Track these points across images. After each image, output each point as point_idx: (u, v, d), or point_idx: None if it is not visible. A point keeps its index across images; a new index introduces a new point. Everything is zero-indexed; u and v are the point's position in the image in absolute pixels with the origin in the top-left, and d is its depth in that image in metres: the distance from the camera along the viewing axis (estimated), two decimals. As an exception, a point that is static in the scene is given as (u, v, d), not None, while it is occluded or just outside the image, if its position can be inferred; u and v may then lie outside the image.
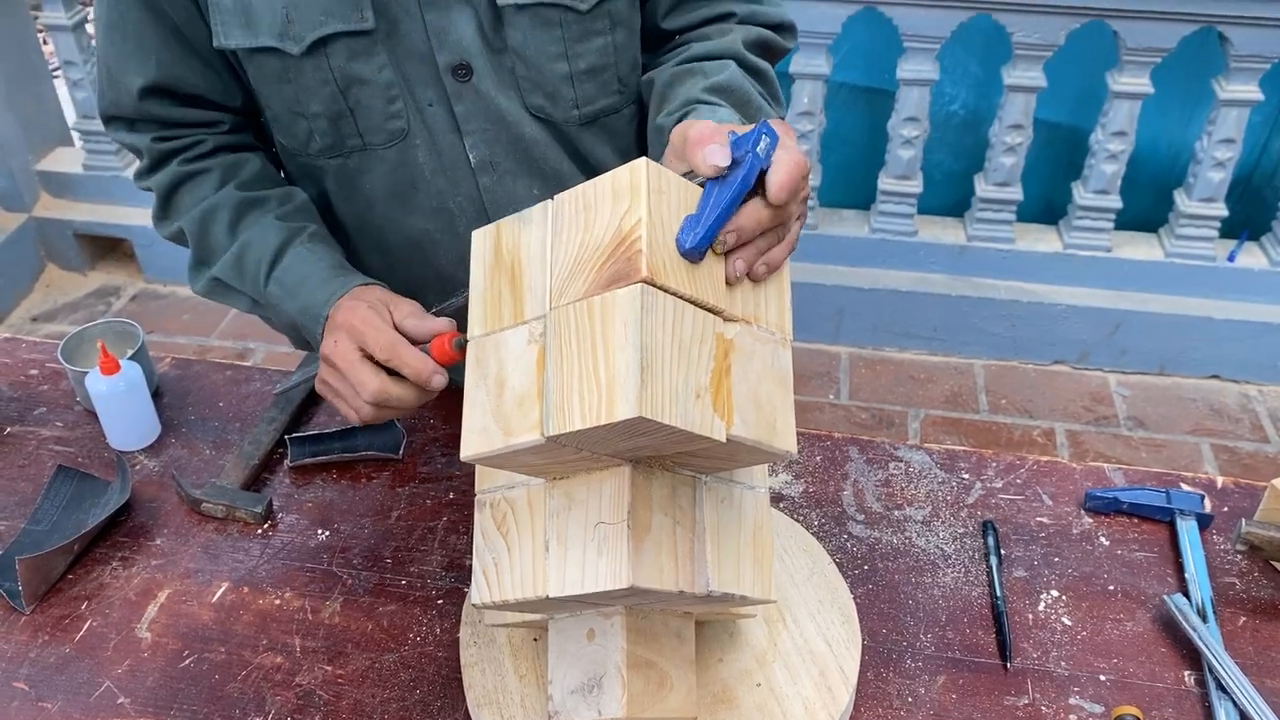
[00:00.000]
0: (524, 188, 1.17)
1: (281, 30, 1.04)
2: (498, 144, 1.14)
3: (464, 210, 1.17)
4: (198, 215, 1.16)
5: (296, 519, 1.23)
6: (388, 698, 1.03)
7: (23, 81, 3.28)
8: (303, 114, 1.10)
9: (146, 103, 1.14)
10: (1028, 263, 3.04)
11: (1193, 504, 1.20)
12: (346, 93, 1.08)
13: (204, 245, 1.17)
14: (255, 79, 1.11)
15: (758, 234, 0.79)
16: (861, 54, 2.99)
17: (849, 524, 1.22)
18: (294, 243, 1.12)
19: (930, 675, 1.05)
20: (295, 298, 1.10)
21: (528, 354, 0.78)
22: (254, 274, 1.13)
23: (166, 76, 1.12)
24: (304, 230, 1.14)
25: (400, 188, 1.16)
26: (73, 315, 3.32)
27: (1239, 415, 2.96)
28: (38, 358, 1.47)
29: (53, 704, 1.03)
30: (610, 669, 0.85)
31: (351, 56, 1.06)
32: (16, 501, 1.25)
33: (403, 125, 1.11)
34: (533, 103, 1.12)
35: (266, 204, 1.17)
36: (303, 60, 1.06)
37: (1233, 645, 1.07)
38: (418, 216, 1.18)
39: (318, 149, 1.14)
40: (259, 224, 1.14)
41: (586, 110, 1.15)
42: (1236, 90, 2.70)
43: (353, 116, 1.10)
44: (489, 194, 1.16)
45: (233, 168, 1.19)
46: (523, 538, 0.86)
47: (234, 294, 1.18)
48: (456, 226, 1.18)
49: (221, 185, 1.17)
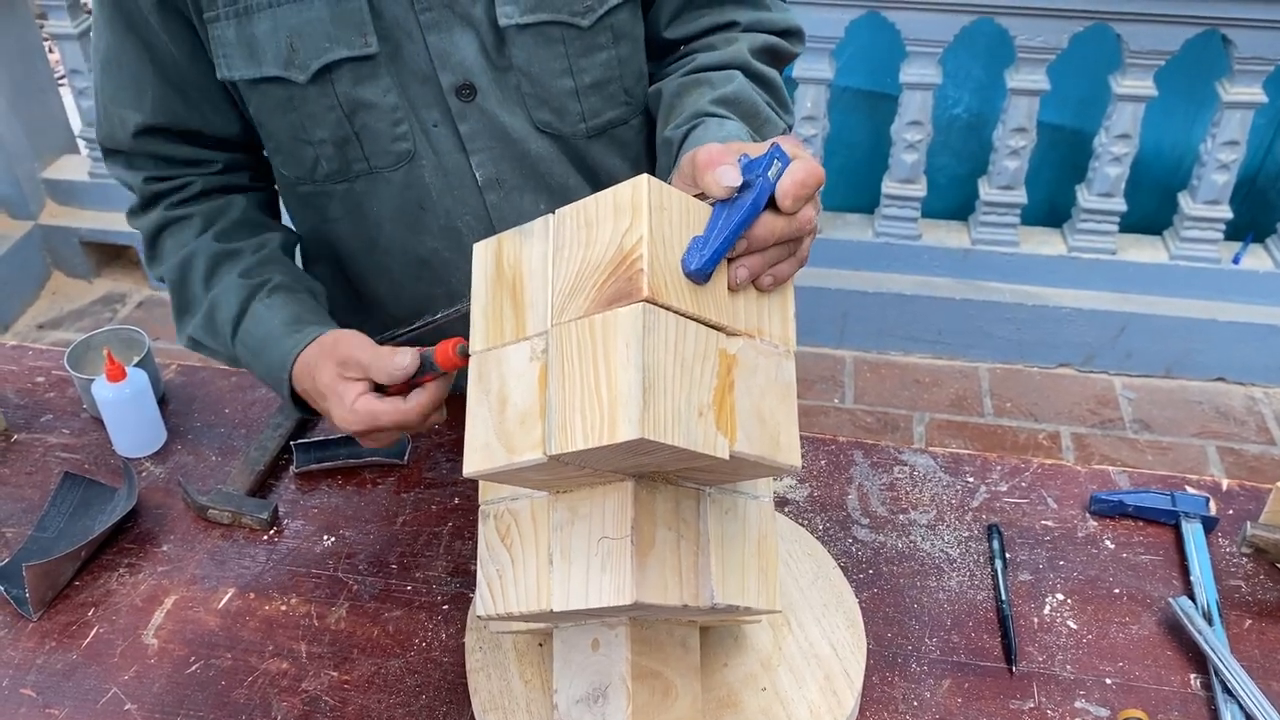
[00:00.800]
0: (531, 203, 1.17)
1: (286, 59, 1.04)
2: (504, 161, 1.14)
3: (472, 229, 1.17)
4: (177, 264, 1.15)
5: (302, 525, 1.23)
6: (394, 703, 1.03)
7: (28, 89, 3.29)
8: (308, 141, 1.10)
9: (142, 140, 1.14)
10: (1032, 266, 3.04)
11: (1198, 507, 1.20)
12: (352, 117, 1.08)
13: (183, 296, 1.16)
14: (258, 110, 1.10)
15: (769, 244, 0.78)
16: (865, 58, 2.99)
17: (854, 528, 1.22)
18: (255, 299, 1.10)
19: (935, 679, 1.05)
20: (259, 359, 1.09)
21: (530, 371, 0.78)
22: (223, 333, 1.12)
23: (163, 114, 1.12)
24: (265, 285, 1.12)
25: (408, 209, 1.16)
26: (79, 322, 3.33)
27: (1244, 418, 2.96)
28: (44, 365, 1.47)
29: (60, 710, 1.03)
30: (615, 679, 0.85)
31: (357, 81, 1.06)
32: (23, 508, 1.25)
33: (409, 147, 1.11)
34: (540, 118, 1.13)
35: (239, 256, 1.15)
36: (308, 88, 1.06)
37: (1238, 648, 1.07)
38: (426, 236, 1.18)
39: (324, 175, 1.14)
40: (225, 280, 1.12)
41: (594, 123, 1.15)
42: (1240, 93, 2.69)
43: (359, 141, 1.10)
44: (496, 211, 1.16)
45: (214, 214, 1.18)
46: (526, 550, 0.85)
47: (212, 352, 1.17)
48: (465, 244, 1.18)
49: (201, 232, 1.16)
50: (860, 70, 3.03)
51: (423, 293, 1.23)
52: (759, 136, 1.06)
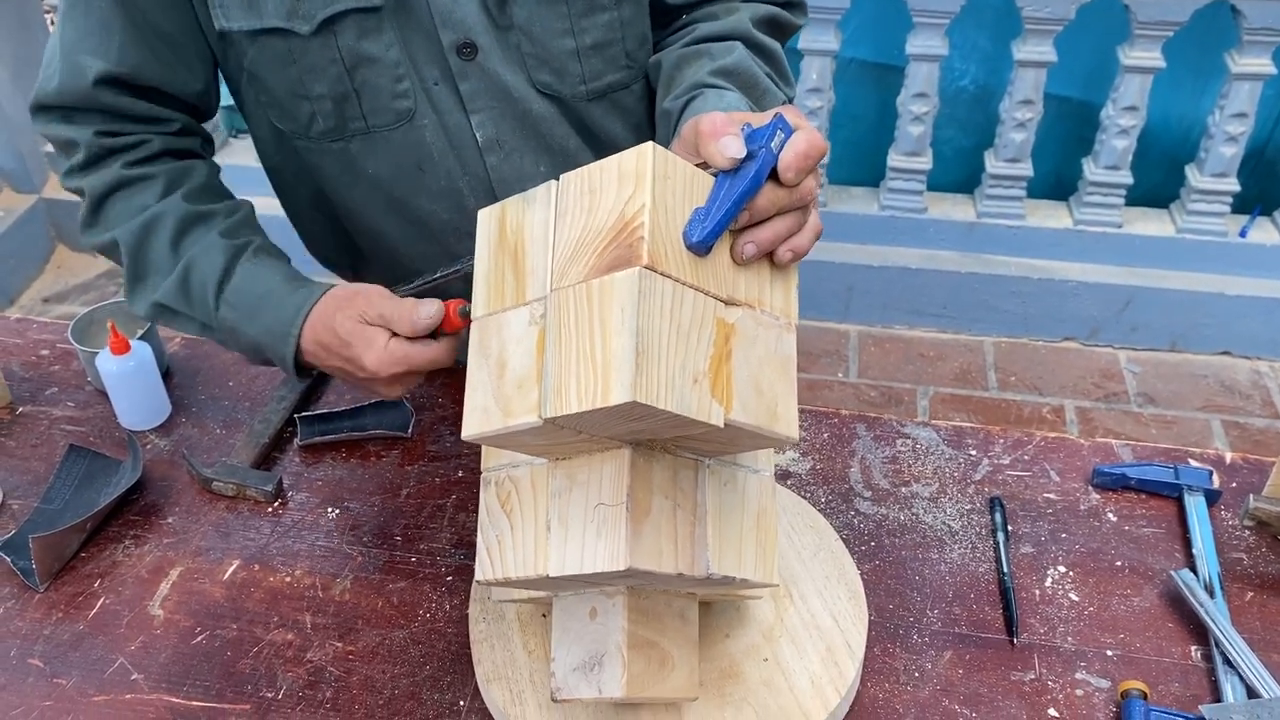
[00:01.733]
0: (531, 165, 1.16)
1: (289, 9, 1.03)
2: (504, 122, 1.13)
3: (472, 189, 1.17)
4: (136, 227, 1.09)
5: (307, 497, 1.23)
6: (398, 673, 1.04)
7: (29, 62, 3.28)
8: (306, 96, 1.09)
9: (100, 90, 1.07)
10: (1038, 239, 3.03)
11: (1201, 480, 1.20)
12: (353, 72, 1.07)
13: (141, 261, 1.10)
14: (254, 63, 1.08)
15: (770, 214, 0.78)
16: (870, 29, 2.97)
17: (856, 501, 1.22)
18: (240, 260, 1.07)
19: (937, 650, 1.05)
20: (254, 318, 1.05)
21: (528, 335, 0.78)
22: (201, 296, 1.07)
23: (128, 63, 1.06)
24: (249, 246, 1.09)
25: (406, 170, 1.15)
26: (84, 296, 3.34)
27: (1250, 391, 2.95)
28: (48, 338, 1.48)
29: (67, 680, 1.04)
30: (611, 648, 0.86)
31: (361, 35, 1.05)
32: (29, 481, 1.26)
33: (410, 105, 1.10)
34: (539, 79, 1.12)
35: (213, 218, 1.11)
36: (310, 40, 1.05)
37: (1240, 620, 1.07)
38: (424, 198, 1.18)
39: (319, 132, 1.12)
40: (203, 241, 1.08)
41: (594, 85, 1.14)
42: (1249, 64, 2.67)
43: (358, 98, 1.09)
44: (496, 172, 1.16)
45: (180, 175, 1.13)
46: (525, 516, 0.86)
47: (180, 318, 1.10)
48: (464, 206, 1.18)
49: (166, 194, 1.10)
50: (866, 42, 3.01)
51: (418, 253, 1.23)
52: (758, 108, 1.05)
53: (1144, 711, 0.96)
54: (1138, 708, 0.97)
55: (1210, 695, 1.01)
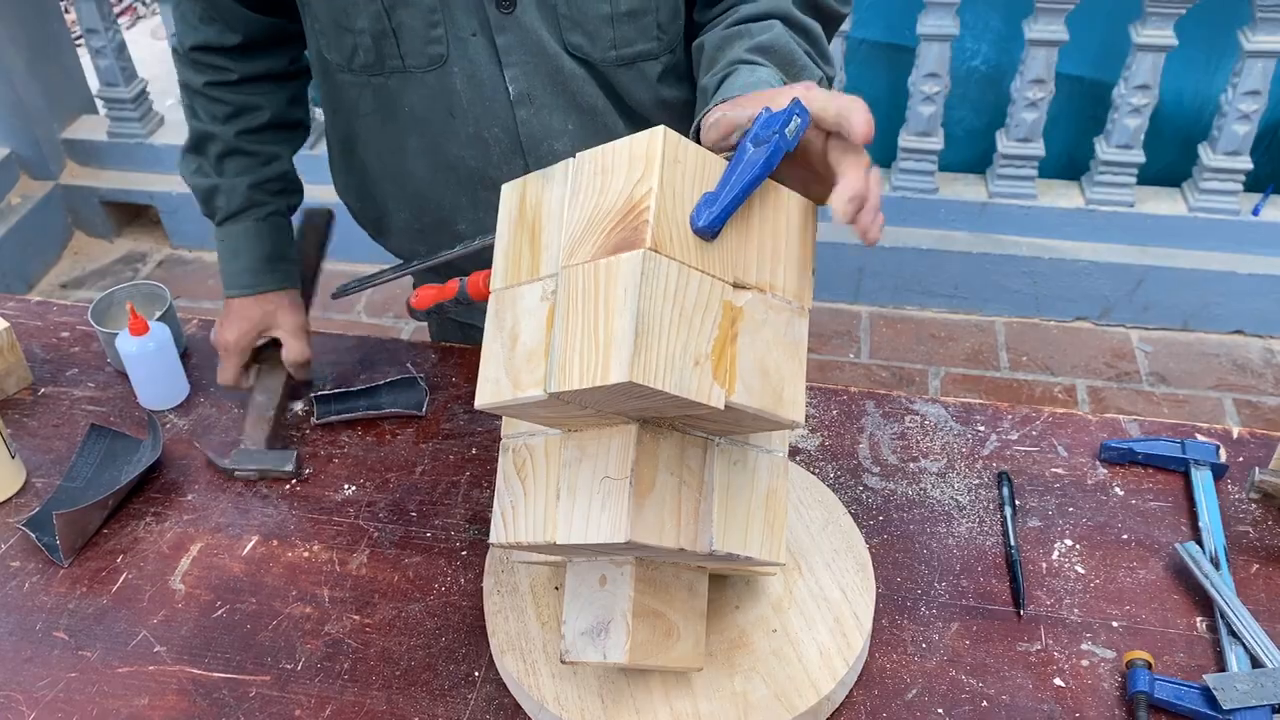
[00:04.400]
0: (560, 121, 1.18)
1: None
2: (537, 77, 1.15)
3: (499, 140, 1.19)
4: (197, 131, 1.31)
5: (323, 475, 1.25)
6: (414, 645, 1.06)
7: (46, 50, 3.30)
8: (349, 29, 1.13)
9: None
10: (1050, 219, 3.02)
11: (1207, 454, 1.21)
12: (391, 12, 1.10)
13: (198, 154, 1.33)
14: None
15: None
16: (881, 10, 2.96)
17: (865, 476, 1.23)
18: (247, 214, 1.31)
19: (944, 622, 1.07)
20: (226, 260, 1.33)
21: (540, 310, 0.80)
22: (209, 212, 1.33)
23: None
24: (264, 207, 1.32)
25: (437, 113, 1.18)
26: (101, 281, 3.37)
27: (1262, 370, 2.95)
28: (68, 320, 1.50)
29: (92, 652, 1.06)
30: (617, 615, 0.87)
31: None
32: (52, 459, 1.28)
33: (441, 51, 1.13)
34: (571, 40, 1.14)
35: (253, 163, 1.32)
36: None
37: (1245, 592, 1.08)
38: (453, 144, 1.21)
39: (360, 65, 1.17)
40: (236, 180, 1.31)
41: (624, 52, 1.16)
42: (1262, 41, 2.66)
43: (395, 37, 1.12)
44: (525, 126, 1.18)
45: (239, 113, 1.30)
46: (538, 484, 0.88)
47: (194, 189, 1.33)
48: (491, 155, 1.21)
49: (228, 120, 1.30)
50: (877, 22, 3.00)
51: (448, 199, 1.26)
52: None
53: (1149, 681, 0.98)
54: (1143, 677, 0.98)
55: (1215, 665, 1.02)
